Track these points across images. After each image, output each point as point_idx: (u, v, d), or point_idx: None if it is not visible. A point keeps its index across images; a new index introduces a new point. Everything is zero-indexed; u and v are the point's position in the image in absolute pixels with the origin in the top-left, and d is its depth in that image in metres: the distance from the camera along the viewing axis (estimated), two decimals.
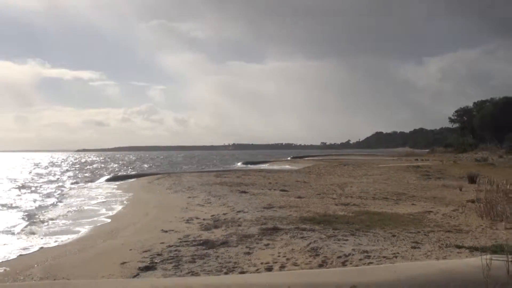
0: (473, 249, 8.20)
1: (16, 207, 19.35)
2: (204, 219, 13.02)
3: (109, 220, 14.86)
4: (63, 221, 15.03)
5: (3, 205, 19.89)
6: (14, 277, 8.19)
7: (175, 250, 9.24)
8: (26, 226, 14.07)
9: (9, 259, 9.82)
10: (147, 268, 8.07)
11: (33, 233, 12.88)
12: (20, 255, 10.15)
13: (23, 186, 30.42)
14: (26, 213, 17.04)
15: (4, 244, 11.42)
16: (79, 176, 43.76)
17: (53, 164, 78.38)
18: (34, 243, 11.43)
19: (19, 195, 24.31)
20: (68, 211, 17.46)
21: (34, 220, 15.30)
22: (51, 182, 35.08)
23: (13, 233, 13.00)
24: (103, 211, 17.24)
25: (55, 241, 11.65)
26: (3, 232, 13.21)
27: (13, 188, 29.20)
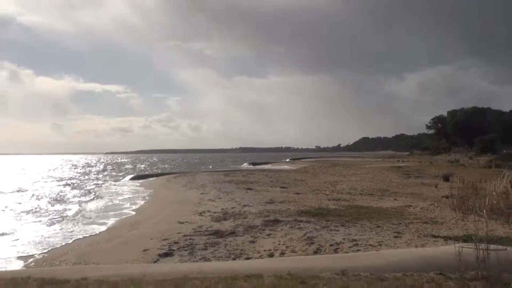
0: (447, 238, 8.12)
1: (61, 201, 19.56)
2: (214, 212, 12.98)
3: (133, 213, 14.85)
4: (96, 214, 15.06)
5: (52, 199, 20.18)
6: (50, 263, 8.19)
7: (190, 239, 9.20)
8: (68, 218, 14.25)
9: (54, 247, 9.86)
10: (166, 255, 8.05)
11: (73, 224, 13.01)
12: (63, 244, 10.16)
13: (66, 184, 30.60)
14: (69, 207, 17.16)
15: (48, 232, 11.51)
16: (111, 174, 43.98)
17: (88, 165, 78.56)
18: (72, 233, 11.46)
19: (63, 192, 24.48)
20: (99, 205, 17.49)
21: (74, 213, 15.41)
22: (87, 180, 35.19)
23: (55, 224, 13.14)
24: (128, 205, 17.24)
25: (89, 231, 11.67)
26: (51, 223, 13.29)
27: (58, 185, 29.38)
